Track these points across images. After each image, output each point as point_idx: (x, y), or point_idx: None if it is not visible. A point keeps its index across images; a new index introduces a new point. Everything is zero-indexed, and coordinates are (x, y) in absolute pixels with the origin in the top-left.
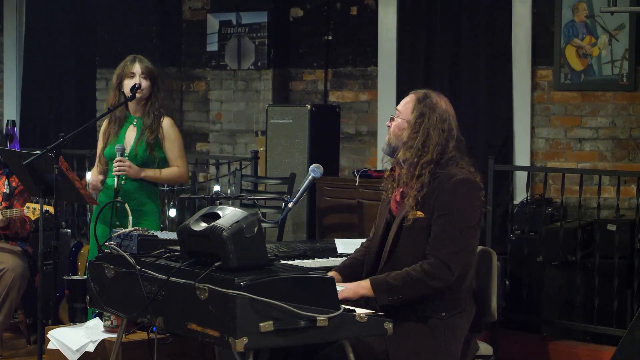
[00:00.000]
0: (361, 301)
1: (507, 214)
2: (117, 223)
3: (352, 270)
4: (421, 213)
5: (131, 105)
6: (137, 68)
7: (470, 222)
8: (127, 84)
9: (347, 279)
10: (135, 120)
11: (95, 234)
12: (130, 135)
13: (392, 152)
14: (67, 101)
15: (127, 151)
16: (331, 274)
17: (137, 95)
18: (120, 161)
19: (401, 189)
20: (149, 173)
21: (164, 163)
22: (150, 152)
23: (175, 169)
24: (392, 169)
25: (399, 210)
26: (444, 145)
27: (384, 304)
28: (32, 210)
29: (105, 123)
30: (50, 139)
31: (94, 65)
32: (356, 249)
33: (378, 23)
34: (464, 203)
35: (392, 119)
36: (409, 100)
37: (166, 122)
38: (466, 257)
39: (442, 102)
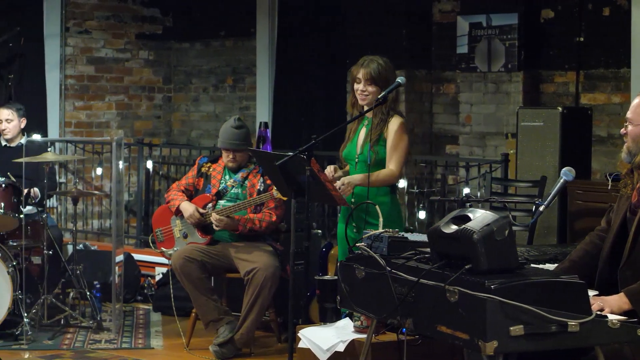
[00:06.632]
0: None
1: None
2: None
3: (582, 266)
4: None
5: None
6: (361, 73)
7: None
8: (355, 88)
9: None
10: (367, 121)
11: (346, 235)
12: (362, 136)
13: (632, 159)
14: (318, 103)
15: (358, 151)
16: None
17: (361, 102)
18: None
19: (638, 185)
20: (357, 181)
21: (383, 162)
22: (372, 149)
23: (384, 172)
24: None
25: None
26: None
27: None
28: None
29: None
30: (301, 140)
31: (345, 67)
32: (584, 241)
33: (631, 23)
34: None
35: (626, 127)
36: (637, 103)
37: (393, 122)
38: None
39: None
